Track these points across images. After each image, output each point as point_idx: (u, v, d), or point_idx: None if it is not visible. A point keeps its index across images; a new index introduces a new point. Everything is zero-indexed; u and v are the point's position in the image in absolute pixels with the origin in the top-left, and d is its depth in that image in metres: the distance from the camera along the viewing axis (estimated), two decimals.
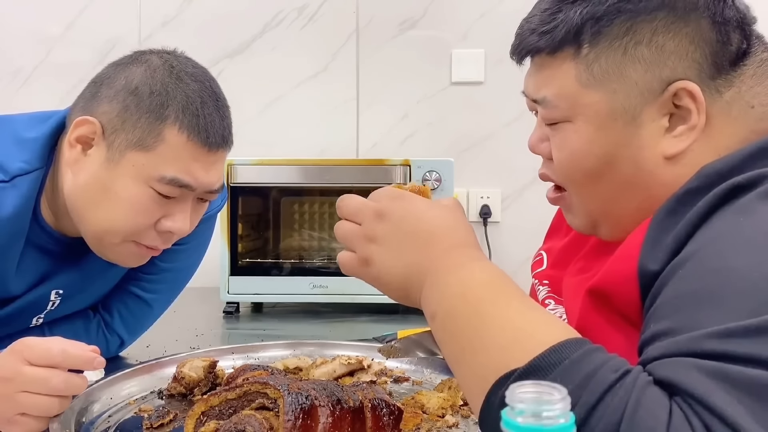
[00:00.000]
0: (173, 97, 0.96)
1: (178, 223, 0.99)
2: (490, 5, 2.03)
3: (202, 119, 0.97)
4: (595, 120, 0.72)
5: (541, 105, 0.76)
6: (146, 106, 0.96)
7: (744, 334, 0.52)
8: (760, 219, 0.59)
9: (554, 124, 0.76)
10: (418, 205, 0.72)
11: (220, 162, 1.02)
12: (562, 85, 0.73)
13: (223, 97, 1.03)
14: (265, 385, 0.77)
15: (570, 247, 0.93)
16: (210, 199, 1.05)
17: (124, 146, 0.96)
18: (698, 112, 0.69)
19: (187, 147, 0.96)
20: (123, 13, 2.05)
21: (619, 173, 0.73)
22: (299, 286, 1.66)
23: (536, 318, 0.62)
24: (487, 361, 0.60)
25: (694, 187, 0.66)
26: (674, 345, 0.55)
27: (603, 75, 0.71)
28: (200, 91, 0.98)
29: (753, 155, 0.66)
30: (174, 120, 0.95)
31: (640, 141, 0.71)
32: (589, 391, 0.53)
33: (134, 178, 0.96)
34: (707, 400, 0.50)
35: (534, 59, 0.77)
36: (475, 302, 0.64)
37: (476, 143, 2.06)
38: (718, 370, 0.51)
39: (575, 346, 0.57)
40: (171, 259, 1.16)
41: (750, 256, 0.57)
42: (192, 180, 0.97)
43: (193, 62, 1.04)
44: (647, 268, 0.64)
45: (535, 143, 0.81)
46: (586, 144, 0.73)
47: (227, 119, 1.02)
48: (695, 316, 0.56)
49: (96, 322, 1.15)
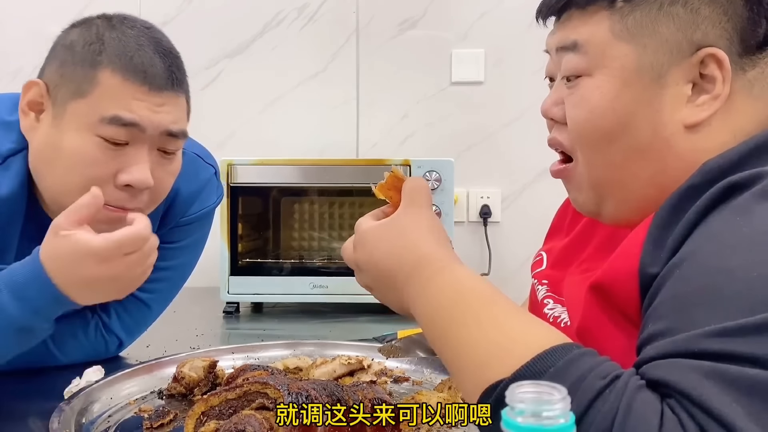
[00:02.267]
0: (107, 44, 0.95)
1: (135, 174, 0.95)
2: (490, 5, 2.03)
3: (138, 59, 0.95)
4: (620, 74, 0.71)
5: (570, 51, 0.75)
6: (80, 56, 0.95)
7: (741, 334, 0.52)
8: (757, 218, 0.59)
9: (575, 80, 0.74)
10: (372, 245, 0.75)
11: (170, 104, 0.97)
12: (594, 32, 0.73)
13: (167, 44, 1.00)
14: (265, 385, 0.77)
15: (571, 248, 0.92)
16: (173, 149, 1.00)
17: (65, 99, 0.95)
18: (723, 82, 0.69)
19: (124, 87, 0.94)
20: (123, 12, 2.05)
21: (635, 136, 0.71)
22: (299, 286, 1.66)
23: (516, 325, 0.62)
24: (473, 375, 0.61)
25: (696, 183, 0.66)
26: (671, 345, 0.55)
27: (636, 28, 0.71)
28: (137, 36, 0.97)
29: (753, 152, 0.66)
30: (107, 64, 0.94)
31: (662, 103, 0.70)
32: (577, 398, 0.52)
33: (78, 129, 0.94)
34: (703, 401, 0.50)
35: (563, 15, 0.77)
36: (442, 327, 0.65)
37: (476, 143, 2.06)
38: (715, 370, 0.51)
39: (562, 352, 0.57)
40: (166, 257, 1.15)
41: (747, 255, 0.57)
42: (136, 117, 0.94)
43: (140, 20, 1.02)
44: (647, 267, 0.64)
45: (549, 106, 0.79)
46: (608, 100, 0.72)
47: (173, 63, 0.98)
48: (692, 316, 0.56)
49: (94, 323, 1.15)
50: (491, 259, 2.03)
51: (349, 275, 1.68)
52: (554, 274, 0.93)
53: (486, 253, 2.04)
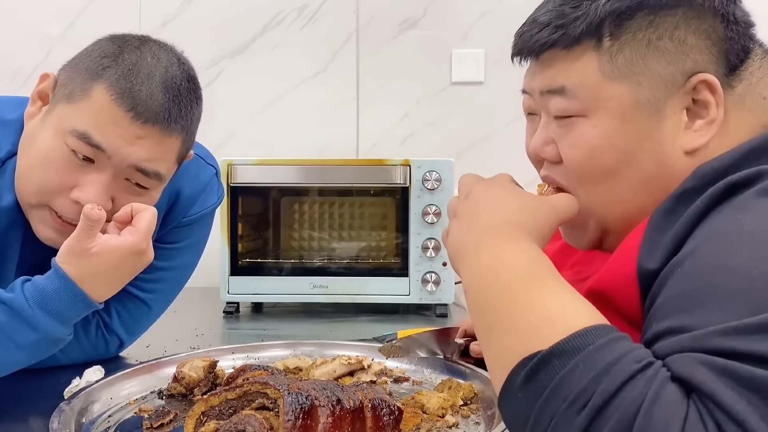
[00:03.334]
0: (120, 63, 0.94)
1: (86, 193, 0.93)
2: (490, 5, 2.03)
3: (137, 87, 0.92)
4: (618, 112, 0.71)
5: (558, 95, 0.74)
6: (90, 63, 0.95)
7: (750, 332, 0.52)
8: (759, 216, 0.59)
9: (567, 119, 0.74)
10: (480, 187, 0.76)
11: (152, 140, 0.94)
12: (582, 75, 0.73)
13: (179, 82, 0.97)
14: (265, 385, 0.77)
15: (562, 252, 0.93)
16: (142, 184, 0.97)
17: (59, 99, 0.95)
18: (717, 106, 0.70)
19: (109, 107, 0.91)
20: (123, 13, 2.05)
21: (639, 169, 0.72)
22: (299, 286, 1.66)
23: (566, 302, 0.62)
24: (511, 343, 0.60)
25: (691, 187, 0.66)
26: (677, 344, 0.55)
27: (627, 66, 0.71)
28: (152, 67, 0.94)
29: (747, 154, 0.67)
30: (106, 80, 0.92)
31: (662, 134, 0.71)
32: (610, 378, 0.53)
33: (54, 130, 0.94)
34: (716, 397, 0.50)
35: (542, 55, 0.76)
36: (504, 283, 0.64)
37: (476, 143, 2.06)
38: (726, 367, 0.51)
39: (601, 333, 0.57)
40: (166, 258, 1.16)
41: (749, 252, 0.57)
42: (104, 141, 0.91)
43: (175, 51, 1.00)
44: (646, 268, 0.64)
45: (540, 147, 0.78)
46: (607, 138, 0.72)
47: (176, 102, 0.95)
48: (696, 314, 0.56)
49: (95, 323, 1.15)
50: None
51: (349, 275, 1.69)
52: None
53: None
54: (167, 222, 1.14)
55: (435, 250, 1.61)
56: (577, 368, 0.54)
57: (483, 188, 0.76)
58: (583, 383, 0.54)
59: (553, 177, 0.79)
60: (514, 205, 0.73)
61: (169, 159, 0.98)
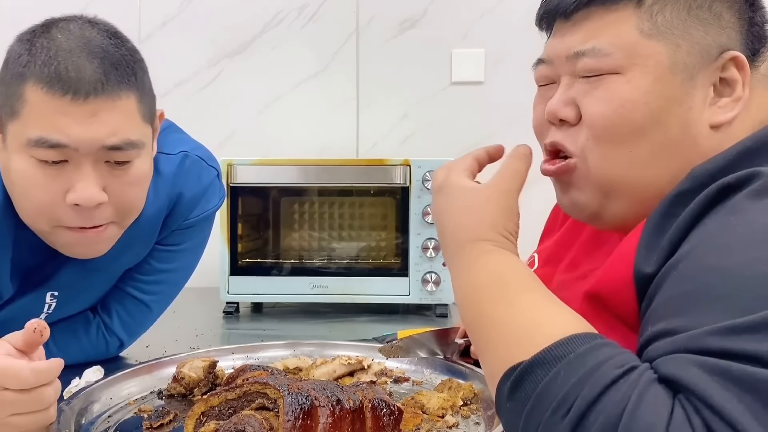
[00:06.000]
0: (34, 53, 0.87)
1: (79, 192, 0.88)
2: (490, 5, 2.03)
3: (61, 66, 0.85)
4: (654, 71, 0.71)
5: (586, 56, 0.73)
6: (11, 70, 0.88)
7: (744, 331, 0.52)
8: (752, 217, 0.59)
9: (596, 77, 0.73)
10: (446, 200, 0.76)
11: (104, 111, 0.87)
12: (619, 33, 0.72)
13: (101, 43, 0.89)
14: (265, 385, 0.77)
15: (561, 243, 0.93)
16: (121, 159, 0.91)
17: (5, 120, 0.89)
18: (743, 85, 0.71)
19: (47, 100, 0.85)
20: (123, 12, 2.05)
21: (664, 132, 0.71)
22: (299, 286, 1.66)
23: (545, 311, 0.62)
24: (494, 358, 0.62)
25: (686, 189, 0.66)
26: (672, 344, 0.55)
27: (667, 27, 0.71)
28: (66, 41, 0.87)
29: (741, 154, 0.67)
30: (30, 76, 0.86)
31: (692, 102, 0.71)
32: (591, 384, 0.53)
33: (18, 152, 0.88)
34: (707, 397, 0.50)
35: (575, 15, 0.75)
36: (479, 302, 0.67)
37: (476, 143, 2.05)
38: (719, 366, 0.51)
39: (583, 341, 0.57)
40: (167, 259, 1.16)
41: (743, 254, 0.57)
42: (63, 137, 0.86)
43: (86, 18, 0.92)
44: (643, 271, 0.64)
45: (560, 107, 0.75)
46: (641, 95, 0.71)
47: (108, 62, 0.88)
48: (691, 315, 0.56)
49: (96, 324, 1.15)
50: None
51: (349, 275, 1.69)
52: (546, 273, 0.93)
53: None
54: (169, 224, 1.13)
55: (435, 250, 1.61)
56: (559, 376, 0.55)
57: (441, 203, 0.77)
58: (565, 390, 0.54)
59: (561, 142, 0.76)
60: (471, 215, 0.73)
61: (132, 122, 0.91)
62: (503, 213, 0.73)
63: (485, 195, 0.74)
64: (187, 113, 1.45)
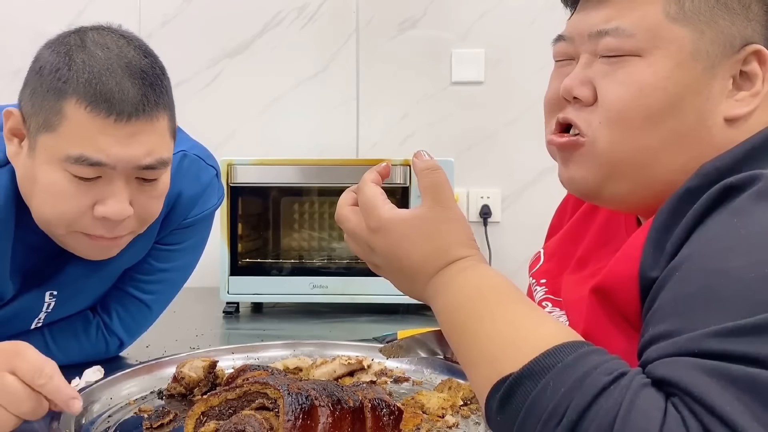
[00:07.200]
0: (73, 69, 0.88)
1: (110, 207, 0.91)
2: (490, 5, 2.03)
3: (104, 86, 0.87)
4: (676, 56, 0.70)
5: (609, 36, 0.72)
6: (47, 84, 0.89)
7: (743, 333, 0.52)
8: (754, 219, 0.59)
9: (616, 58, 0.72)
10: (396, 240, 0.72)
11: (143, 133, 0.90)
12: (644, 15, 0.71)
13: (139, 63, 0.91)
14: (265, 385, 0.77)
15: (566, 238, 0.92)
16: (153, 177, 0.95)
17: (36, 131, 0.91)
18: (764, 80, 0.70)
19: (89, 120, 0.87)
20: (123, 12, 2.05)
21: (680, 120, 0.70)
22: (299, 286, 1.66)
23: (529, 322, 0.62)
24: (482, 373, 0.62)
25: (695, 186, 0.66)
26: (673, 346, 0.55)
27: (694, 12, 0.70)
28: (106, 59, 0.89)
29: (748, 152, 0.67)
30: (72, 93, 0.88)
31: (710, 93, 0.70)
32: (582, 392, 0.53)
33: (49, 164, 0.90)
34: (706, 399, 0.50)
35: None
36: (462, 321, 0.66)
37: (476, 143, 2.06)
38: (718, 368, 0.51)
39: (570, 349, 0.57)
40: (166, 259, 1.16)
41: (745, 256, 0.57)
42: (103, 156, 0.88)
43: (117, 32, 0.95)
44: (648, 272, 0.64)
45: (576, 84, 0.74)
46: (661, 79, 0.70)
47: (147, 84, 0.91)
48: (693, 317, 0.56)
49: (96, 324, 1.15)
50: (491, 259, 2.03)
51: (348, 275, 1.69)
52: (552, 269, 0.92)
53: (486, 253, 2.04)
54: (168, 224, 1.13)
55: None
56: (549, 386, 0.55)
57: (390, 242, 0.73)
58: (556, 400, 0.54)
59: (574, 120, 0.75)
60: (434, 240, 0.71)
61: (165, 141, 0.95)
62: (460, 225, 0.72)
63: (435, 216, 0.72)
64: (187, 113, 1.45)
